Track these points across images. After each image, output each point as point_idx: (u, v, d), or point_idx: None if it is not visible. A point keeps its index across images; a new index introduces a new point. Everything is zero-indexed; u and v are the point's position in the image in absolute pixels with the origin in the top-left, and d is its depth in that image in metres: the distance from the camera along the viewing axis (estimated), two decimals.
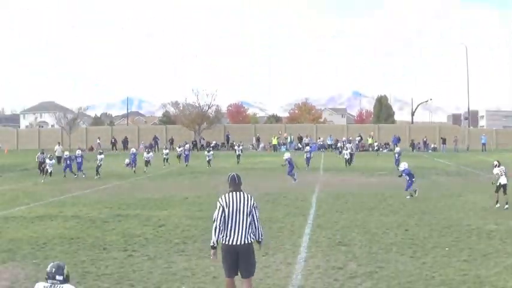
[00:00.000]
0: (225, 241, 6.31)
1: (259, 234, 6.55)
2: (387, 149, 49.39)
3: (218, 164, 33.27)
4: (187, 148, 32.30)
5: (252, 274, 6.45)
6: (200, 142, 53.20)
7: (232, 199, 6.36)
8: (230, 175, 6.60)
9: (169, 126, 61.74)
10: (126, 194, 18.49)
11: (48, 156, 26.11)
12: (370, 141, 51.22)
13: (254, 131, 57.44)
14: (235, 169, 28.60)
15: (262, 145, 53.25)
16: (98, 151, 27.07)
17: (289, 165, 21.96)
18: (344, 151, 31.73)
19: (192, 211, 14.58)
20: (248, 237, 6.33)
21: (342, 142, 46.94)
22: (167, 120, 71.73)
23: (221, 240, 6.34)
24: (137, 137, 56.74)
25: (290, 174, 21.95)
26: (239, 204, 6.34)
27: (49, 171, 24.87)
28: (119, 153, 46.06)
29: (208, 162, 31.18)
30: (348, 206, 15.33)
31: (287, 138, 53.97)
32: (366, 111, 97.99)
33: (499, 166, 15.51)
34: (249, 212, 6.36)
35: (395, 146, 49.00)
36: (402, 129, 58.33)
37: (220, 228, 6.30)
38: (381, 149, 49.41)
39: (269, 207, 15.11)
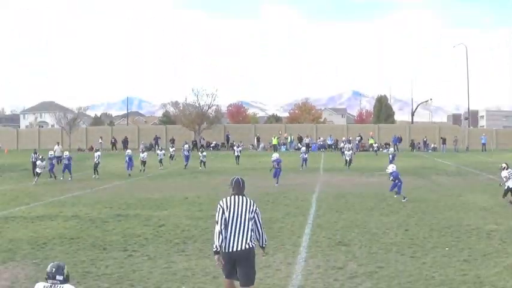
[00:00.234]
0: (224, 249, 6.03)
1: (263, 240, 6.35)
2: (387, 149, 49.33)
3: (218, 164, 33.27)
4: (186, 148, 32.08)
5: (252, 282, 6.13)
6: (200, 142, 53.18)
7: (233, 203, 6.13)
8: (234, 178, 6.35)
9: (169, 126, 61.70)
10: (126, 194, 18.49)
11: (40, 157, 24.38)
12: (371, 141, 51.24)
13: (254, 131, 57.39)
14: (235, 170, 28.63)
15: (262, 145, 53.22)
16: (95, 149, 26.52)
17: (276, 166, 21.15)
18: (346, 152, 31.40)
19: (192, 211, 14.58)
20: (249, 243, 6.04)
21: (343, 142, 46.86)
22: (167, 120, 71.74)
23: (220, 247, 6.05)
24: (137, 137, 56.73)
25: (275, 176, 21.18)
26: (240, 208, 6.10)
27: (39, 172, 22.97)
28: (119, 153, 46.00)
29: (200, 163, 29.99)
30: (348, 206, 15.33)
31: (287, 138, 53.95)
32: (366, 111, 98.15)
33: (507, 169, 15.37)
34: (250, 218, 6.11)
35: (395, 146, 49.20)
36: (402, 129, 58.39)
37: (222, 231, 6.03)
38: (381, 149, 49.39)
39: (269, 207, 15.13)
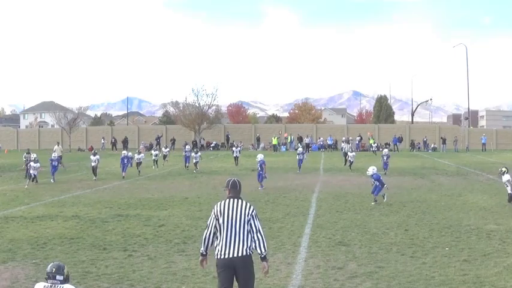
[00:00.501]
0: (220, 255, 5.57)
1: (262, 246, 5.65)
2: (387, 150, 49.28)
3: (217, 164, 33.28)
4: (187, 149, 31.92)
5: None
6: (200, 142, 53.19)
7: (228, 207, 5.66)
8: (230, 180, 5.90)
9: (169, 126, 61.75)
10: (126, 194, 18.49)
11: (33, 158, 22.49)
12: (370, 141, 51.23)
13: (254, 131, 57.43)
14: (235, 170, 28.62)
15: (262, 145, 53.23)
16: (93, 151, 25.94)
17: (260, 169, 20.20)
18: (349, 153, 30.90)
19: (192, 211, 14.58)
20: (247, 249, 5.57)
21: (343, 142, 46.78)
22: (167, 120, 71.79)
23: (216, 254, 5.64)
24: (137, 137, 56.75)
25: (259, 180, 20.22)
26: (235, 212, 5.62)
27: (33, 175, 21.45)
28: (119, 153, 45.95)
29: (195, 164, 28.50)
30: (348, 206, 15.33)
31: (287, 138, 53.96)
32: (366, 111, 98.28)
33: (507, 173, 15.40)
34: (247, 221, 5.61)
35: (395, 146, 49.19)
36: (402, 129, 58.42)
37: (210, 237, 5.70)
38: (380, 149, 49.37)
39: (269, 207, 15.14)
